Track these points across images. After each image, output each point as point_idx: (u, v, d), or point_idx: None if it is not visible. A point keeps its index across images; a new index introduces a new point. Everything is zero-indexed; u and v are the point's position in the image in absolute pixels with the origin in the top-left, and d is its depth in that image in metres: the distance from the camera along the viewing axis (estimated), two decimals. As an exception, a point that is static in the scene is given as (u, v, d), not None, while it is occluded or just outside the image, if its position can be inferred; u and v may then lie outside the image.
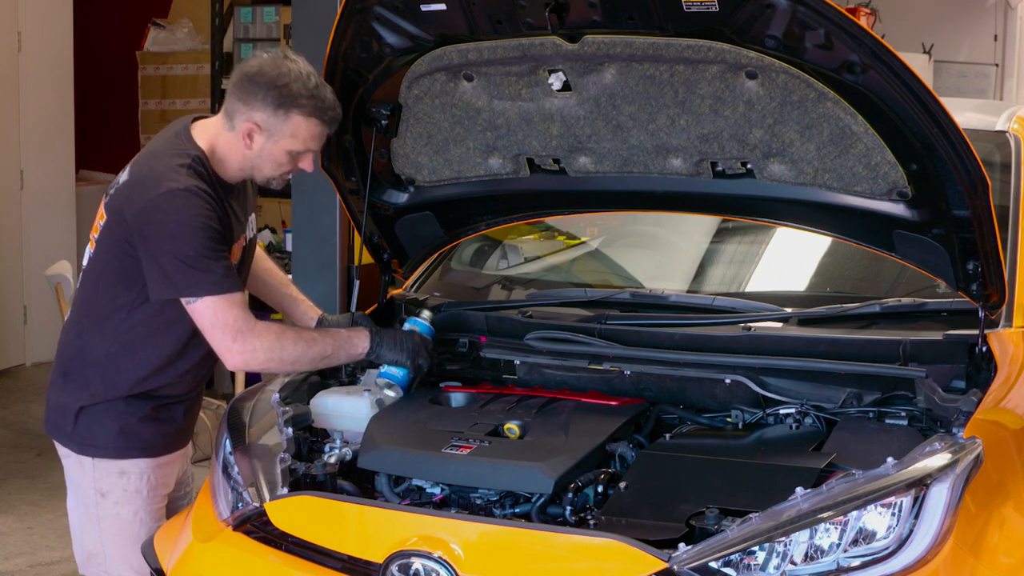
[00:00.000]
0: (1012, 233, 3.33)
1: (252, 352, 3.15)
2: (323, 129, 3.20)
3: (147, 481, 3.35)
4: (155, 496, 3.38)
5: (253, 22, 8.45)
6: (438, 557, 2.60)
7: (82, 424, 3.30)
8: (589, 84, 3.05)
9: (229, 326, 3.12)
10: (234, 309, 3.12)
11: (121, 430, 3.29)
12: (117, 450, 3.31)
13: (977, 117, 3.90)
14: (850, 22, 2.66)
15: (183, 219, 3.08)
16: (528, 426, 3.06)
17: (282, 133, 3.17)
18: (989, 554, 2.65)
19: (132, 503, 3.34)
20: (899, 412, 3.05)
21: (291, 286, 3.71)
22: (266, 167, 3.25)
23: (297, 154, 3.21)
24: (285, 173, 3.28)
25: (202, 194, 3.12)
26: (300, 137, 3.18)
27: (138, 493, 3.34)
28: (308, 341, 3.22)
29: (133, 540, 3.34)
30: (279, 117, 3.15)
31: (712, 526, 2.59)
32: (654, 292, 3.58)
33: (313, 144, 3.21)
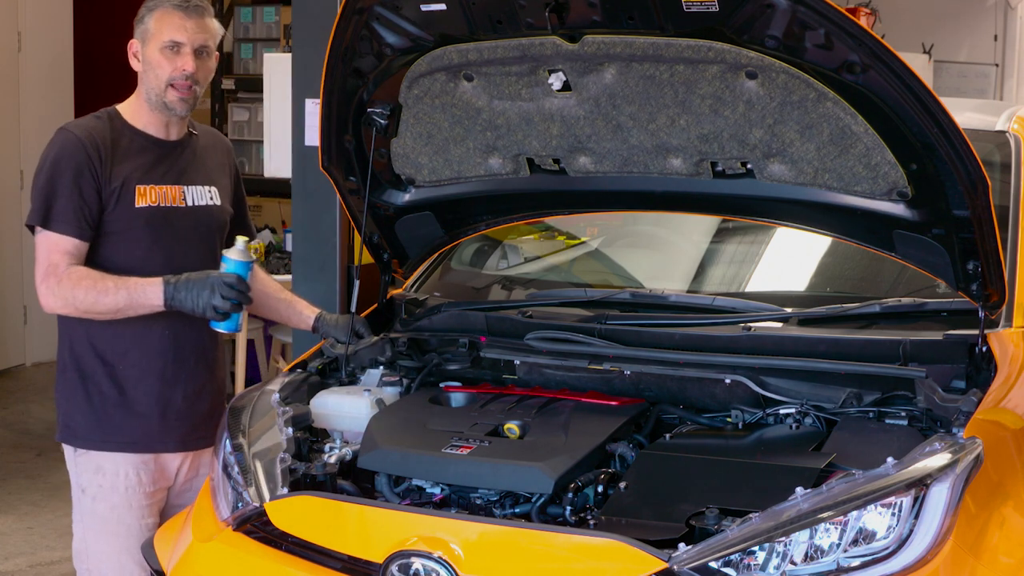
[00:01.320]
0: (1012, 233, 3.33)
1: (52, 295, 3.29)
2: (180, 17, 3.38)
3: (124, 477, 3.38)
4: (136, 493, 3.40)
5: (253, 22, 8.46)
6: (438, 557, 2.60)
7: (64, 411, 3.41)
8: (589, 84, 3.05)
9: (43, 265, 3.31)
10: (56, 250, 3.29)
11: (96, 422, 3.37)
12: (91, 442, 3.38)
13: (977, 117, 3.90)
14: (850, 22, 2.66)
15: (51, 154, 3.34)
16: (528, 426, 3.06)
17: (149, 34, 3.40)
18: (989, 554, 2.65)
19: (108, 499, 3.39)
20: (899, 412, 3.04)
21: (285, 291, 3.77)
22: (151, 78, 3.42)
23: (168, 50, 3.36)
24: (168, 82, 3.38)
25: (74, 131, 3.36)
26: (162, 30, 3.38)
27: (114, 489, 3.38)
28: (101, 291, 3.28)
29: (111, 537, 3.39)
30: (144, 23, 3.41)
31: (712, 526, 2.59)
32: (654, 292, 3.58)
33: (177, 34, 3.37)
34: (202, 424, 3.50)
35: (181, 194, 3.47)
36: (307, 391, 3.34)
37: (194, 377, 3.48)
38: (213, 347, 3.55)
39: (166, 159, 3.47)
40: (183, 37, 3.37)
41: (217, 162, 3.63)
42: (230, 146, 3.78)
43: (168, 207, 3.44)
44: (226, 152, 3.72)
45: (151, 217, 3.40)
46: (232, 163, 3.73)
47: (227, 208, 3.62)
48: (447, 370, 3.50)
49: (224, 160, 3.68)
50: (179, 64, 3.37)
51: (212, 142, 3.67)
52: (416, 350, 3.57)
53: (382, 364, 3.52)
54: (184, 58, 3.37)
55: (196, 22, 3.39)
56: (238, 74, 8.50)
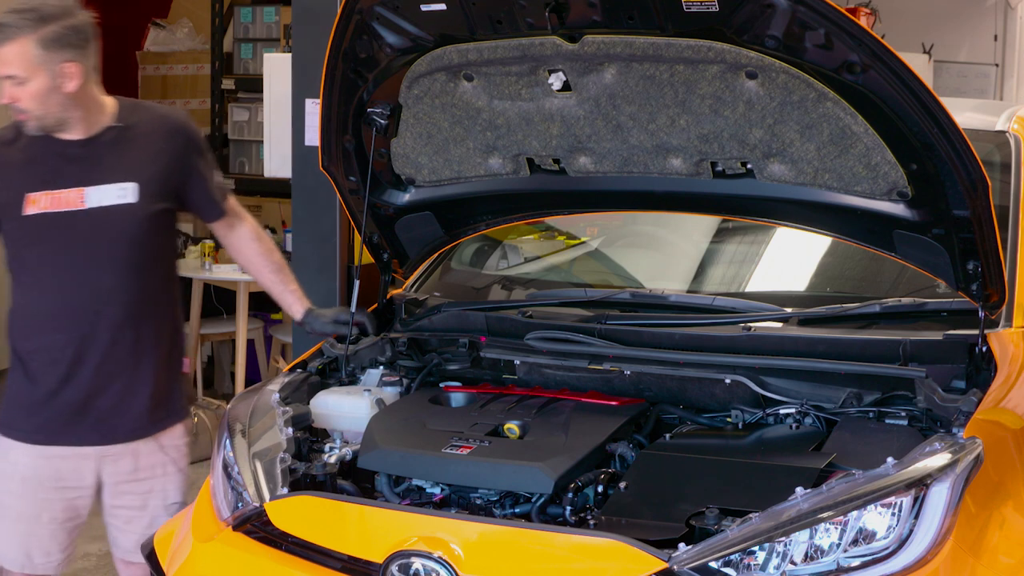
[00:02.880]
0: (1012, 233, 3.33)
1: None
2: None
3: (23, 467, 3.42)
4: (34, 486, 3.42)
5: (253, 22, 8.45)
6: (438, 557, 2.60)
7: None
8: (589, 84, 3.05)
9: None
10: None
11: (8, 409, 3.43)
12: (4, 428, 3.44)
13: (977, 117, 3.90)
14: (850, 22, 2.66)
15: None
16: (528, 426, 3.06)
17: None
18: (989, 554, 2.65)
19: (5, 485, 3.44)
20: (899, 412, 3.04)
21: (284, 272, 3.70)
22: None
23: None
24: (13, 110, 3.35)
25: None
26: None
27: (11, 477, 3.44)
28: None
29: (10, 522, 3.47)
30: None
31: (712, 526, 2.59)
32: (654, 292, 3.58)
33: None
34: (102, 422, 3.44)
35: (81, 197, 3.35)
36: (307, 391, 3.34)
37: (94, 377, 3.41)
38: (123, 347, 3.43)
39: (70, 161, 3.36)
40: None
41: (148, 152, 3.43)
42: (181, 126, 3.53)
43: (62, 212, 3.34)
44: (168, 135, 3.48)
45: (42, 224, 3.33)
46: (179, 147, 3.49)
47: (151, 205, 3.41)
48: (447, 370, 3.50)
49: (163, 146, 3.46)
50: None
51: (152, 129, 3.45)
52: (416, 350, 3.57)
53: (382, 364, 3.52)
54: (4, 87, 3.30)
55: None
56: (238, 74, 8.49)
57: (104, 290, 3.39)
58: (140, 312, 3.44)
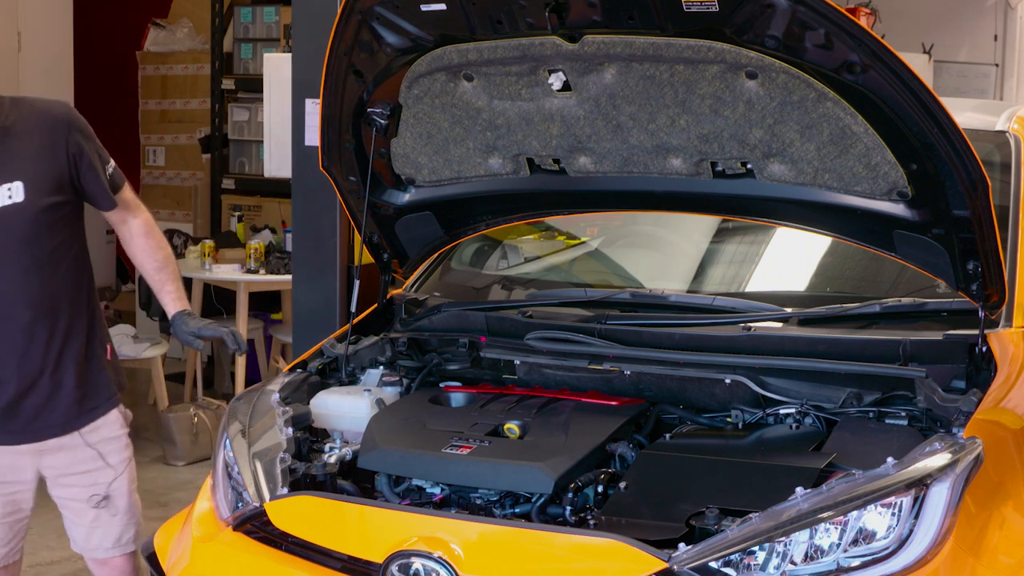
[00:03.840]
0: (1012, 233, 3.33)
1: None
2: None
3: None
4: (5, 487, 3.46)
5: (253, 22, 8.45)
6: (438, 557, 2.60)
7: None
8: (589, 84, 3.05)
9: None
10: None
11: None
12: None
13: (977, 117, 3.90)
14: (850, 22, 2.66)
15: None
16: (528, 426, 3.06)
17: None
18: (989, 554, 2.65)
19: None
20: (899, 412, 3.04)
21: (165, 270, 3.64)
22: None
23: None
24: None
25: None
26: None
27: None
28: None
29: None
30: None
31: (712, 526, 2.59)
32: (654, 292, 3.58)
33: None
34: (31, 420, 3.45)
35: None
36: (307, 391, 3.34)
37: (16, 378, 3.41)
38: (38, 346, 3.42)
39: None
40: None
41: (33, 148, 3.38)
42: (61, 119, 3.44)
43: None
44: (50, 131, 3.40)
45: None
46: (64, 138, 3.40)
47: (40, 201, 3.36)
48: (447, 370, 3.50)
49: (46, 141, 3.39)
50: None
51: (33, 125, 3.39)
52: (416, 350, 3.57)
53: (382, 364, 3.52)
54: None
55: None
56: (238, 74, 8.49)
57: (6, 293, 3.36)
58: (49, 309, 3.41)
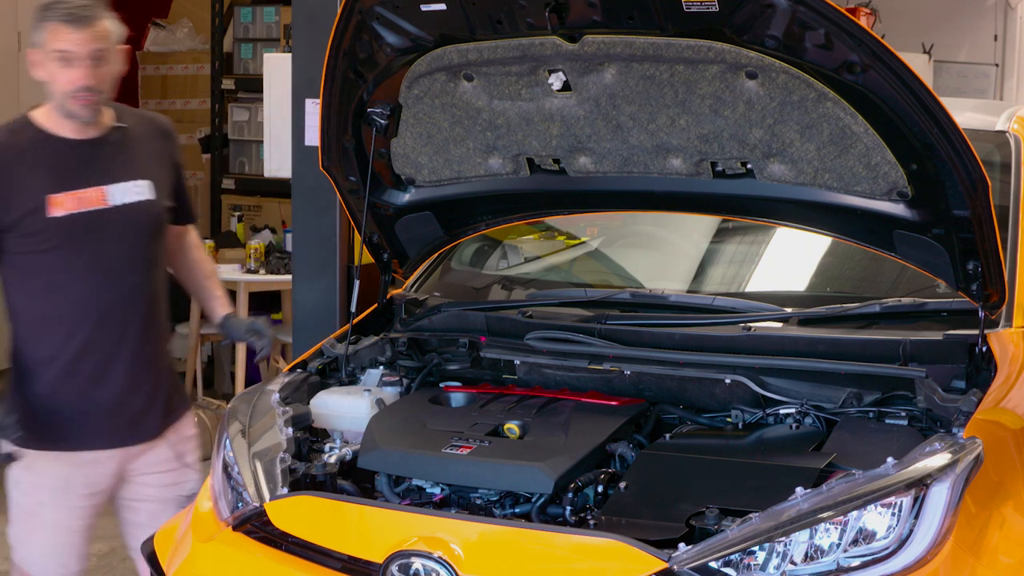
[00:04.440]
0: (1012, 233, 3.33)
1: None
2: (70, 30, 3.30)
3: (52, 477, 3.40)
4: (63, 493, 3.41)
5: (253, 22, 8.45)
6: (438, 557, 2.60)
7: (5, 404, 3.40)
8: (589, 84, 3.05)
9: None
10: None
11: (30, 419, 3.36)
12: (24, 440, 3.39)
13: (977, 117, 3.90)
14: (850, 22, 2.66)
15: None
16: (528, 426, 3.06)
17: (43, 44, 3.33)
18: (989, 554, 2.65)
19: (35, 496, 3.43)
20: (899, 412, 3.04)
21: (214, 278, 3.80)
22: (55, 89, 3.36)
23: (61, 60, 3.30)
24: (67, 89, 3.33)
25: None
26: (54, 41, 3.30)
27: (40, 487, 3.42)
28: None
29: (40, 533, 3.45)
30: (39, 33, 3.34)
31: (712, 526, 2.59)
32: (654, 292, 3.58)
33: (68, 45, 3.30)
34: (135, 421, 3.47)
35: (103, 195, 3.38)
36: (307, 391, 3.34)
37: (126, 375, 3.43)
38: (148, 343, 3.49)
39: (86, 160, 3.38)
40: (72, 46, 3.29)
41: (150, 152, 3.52)
42: (168, 130, 3.65)
43: (90, 212, 3.36)
44: (161, 137, 3.59)
45: (71, 226, 3.33)
46: (172, 148, 3.62)
47: (162, 202, 3.51)
48: (447, 370, 3.50)
49: (160, 147, 3.56)
50: (74, 77, 3.30)
51: (146, 130, 3.55)
52: (416, 350, 3.57)
53: (382, 364, 3.52)
54: (77, 70, 3.30)
55: (86, 32, 3.31)
56: (238, 74, 8.49)
57: (130, 288, 3.43)
58: (156, 308, 3.50)
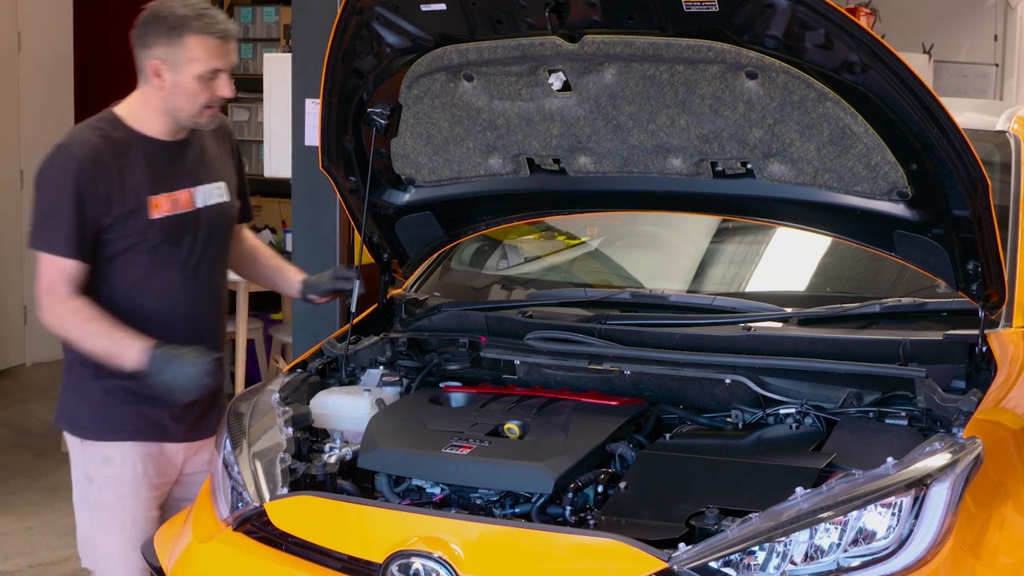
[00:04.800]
0: (1012, 233, 3.33)
1: (48, 312, 3.26)
2: (219, 43, 3.26)
3: (132, 468, 3.37)
4: (142, 484, 3.39)
5: (253, 22, 8.46)
6: (438, 557, 2.60)
7: (72, 404, 3.39)
8: (589, 84, 3.05)
9: (44, 282, 3.24)
10: (55, 271, 3.22)
11: (103, 412, 3.35)
12: (99, 432, 3.37)
13: (977, 117, 3.90)
14: (850, 22, 2.66)
15: (52, 175, 3.23)
16: (528, 426, 3.06)
17: (183, 59, 3.25)
18: (989, 554, 2.65)
19: (115, 489, 3.38)
20: (899, 412, 3.04)
21: (276, 258, 3.81)
22: (183, 102, 3.30)
23: (206, 78, 3.26)
24: (204, 105, 3.31)
25: (76, 150, 3.23)
26: (200, 57, 3.25)
27: (121, 480, 3.37)
28: (86, 333, 3.26)
29: (118, 527, 3.39)
30: (174, 44, 3.24)
31: (712, 526, 2.59)
32: (654, 292, 3.58)
33: (216, 62, 3.26)
34: (204, 415, 3.49)
35: (191, 197, 3.41)
36: (307, 391, 3.34)
37: None
38: (219, 341, 3.54)
39: (175, 162, 3.40)
40: (223, 65, 3.28)
41: (221, 151, 3.56)
42: (230, 129, 3.69)
43: (181, 214, 3.38)
44: (227, 135, 3.62)
45: (167, 228, 3.35)
46: (233, 144, 3.65)
47: (235, 202, 3.57)
48: (447, 370, 3.50)
49: (227, 145, 3.60)
50: (218, 91, 3.29)
51: (214, 131, 3.56)
52: (416, 350, 3.57)
53: (382, 364, 3.52)
54: (222, 84, 3.29)
55: (231, 45, 3.30)
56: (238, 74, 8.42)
57: (210, 287, 3.46)
58: (225, 307, 3.56)
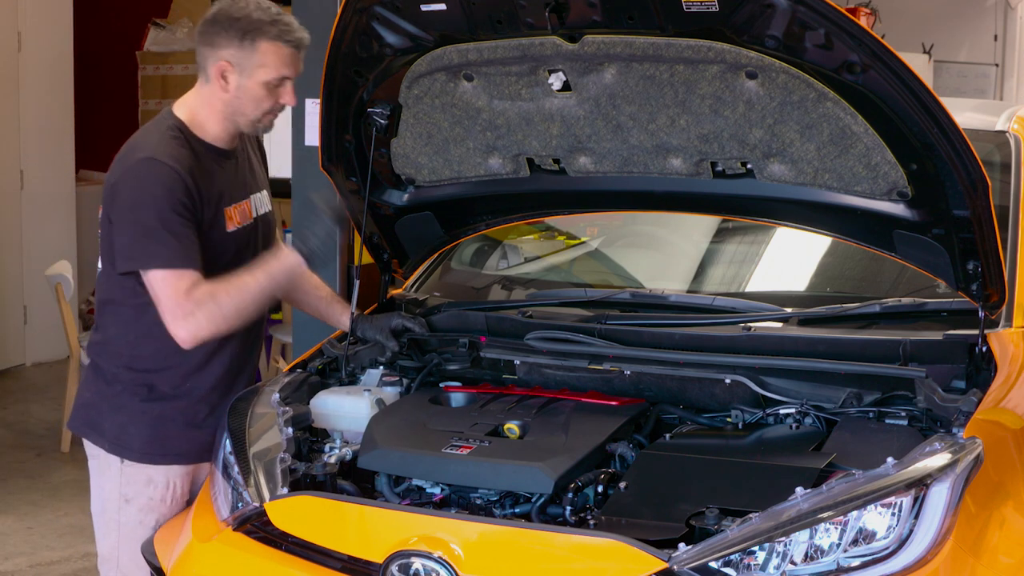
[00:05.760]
0: (1012, 233, 3.33)
1: (197, 327, 3.12)
2: (292, 52, 3.20)
3: (172, 490, 3.31)
4: (178, 504, 3.33)
5: (253, 22, 8.44)
6: (438, 557, 2.60)
7: (116, 423, 3.27)
8: (589, 84, 3.05)
9: (172, 302, 3.10)
10: (181, 284, 3.09)
11: (154, 435, 3.26)
12: (148, 455, 3.27)
13: (977, 117, 3.90)
14: (850, 22, 2.66)
15: (146, 188, 3.10)
16: (528, 426, 3.06)
17: (253, 64, 3.17)
18: (989, 554, 2.65)
19: (156, 510, 3.31)
20: (899, 412, 3.04)
21: (324, 288, 3.67)
22: (247, 107, 3.23)
23: (273, 85, 3.20)
24: (268, 112, 3.26)
25: (170, 162, 3.12)
26: (271, 64, 3.18)
27: (163, 502, 3.31)
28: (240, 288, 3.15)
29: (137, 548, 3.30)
30: (246, 48, 3.16)
31: (712, 526, 2.59)
32: (654, 292, 3.58)
33: (286, 70, 3.21)
34: None
35: (251, 207, 3.36)
36: (307, 391, 3.34)
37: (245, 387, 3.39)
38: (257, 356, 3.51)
39: (234, 171, 3.33)
40: (292, 73, 3.22)
41: (258, 157, 3.51)
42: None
43: (246, 226, 3.33)
44: (257, 140, 3.54)
45: (238, 240, 3.29)
46: (262, 149, 3.57)
47: (273, 211, 3.51)
48: (447, 370, 3.50)
49: (257, 150, 3.52)
50: (282, 98, 3.23)
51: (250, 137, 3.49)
52: (416, 350, 3.57)
53: (382, 364, 3.52)
54: (287, 91, 3.23)
55: (302, 54, 3.24)
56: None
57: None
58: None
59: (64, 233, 8.50)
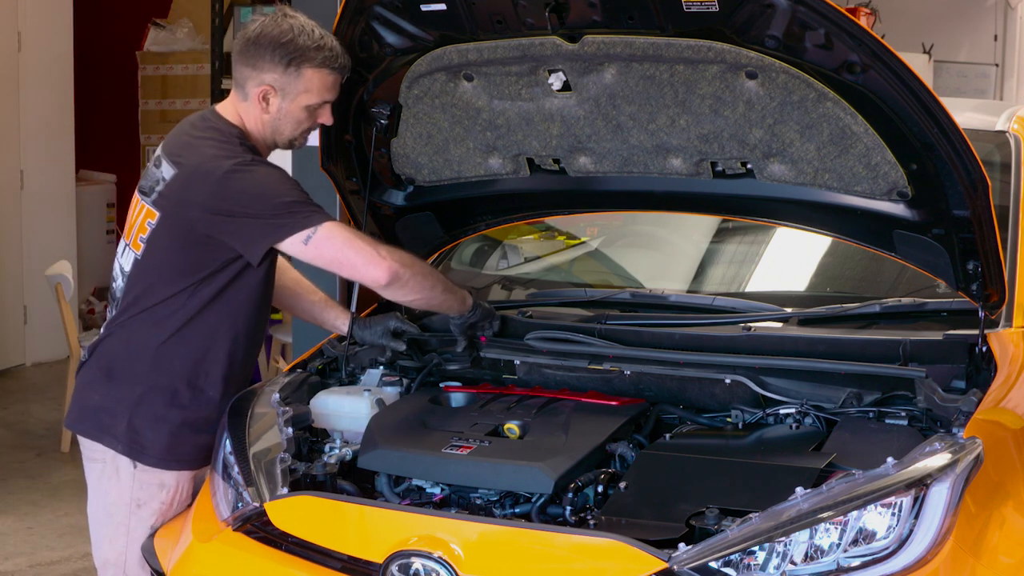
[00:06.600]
0: (1012, 233, 3.33)
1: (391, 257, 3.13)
2: (336, 78, 3.19)
3: (179, 493, 3.30)
4: (182, 508, 3.32)
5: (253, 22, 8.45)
6: (438, 557, 2.60)
7: (133, 427, 3.23)
8: (589, 84, 3.05)
9: (361, 240, 3.14)
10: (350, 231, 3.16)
11: (173, 440, 3.25)
12: (164, 460, 3.25)
13: (977, 117, 3.90)
14: (850, 22, 2.66)
15: (263, 179, 3.13)
16: (528, 426, 3.06)
17: (297, 90, 3.17)
18: (989, 554, 2.65)
19: (165, 515, 3.29)
20: (899, 412, 3.04)
21: (318, 292, 3.66)
22: (286, 128, 3.24)
23: (314, 108, 3.21)
24: (305, 131, 3.27)
25: (263, 161, 3.20)
26: (315, 90, 3.18)
27: (171, 505, 3.29)
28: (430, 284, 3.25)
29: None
30: (291, 75, 3.15)
31: (712, 526, 2.59)
32: (654, 292, 3.58)
33: (328, 95, 3.20)
34: None
35: None
36: (307, 391, 3.34)
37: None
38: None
39: None
40: (333, 97, 3.22)
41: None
42: None
43: None
44: None
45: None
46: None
47: None
48: (447, 370, 3.50)
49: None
50: (320, 118, 3.24)
51: None
52: (416, 350, 3.57)
53: (382, 364, 3.52)
54: (325, 112, 3.23)
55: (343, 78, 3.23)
56: (238, 74, 8.48)
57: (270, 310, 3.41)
58: None
59: (64, 233, 8.51)
